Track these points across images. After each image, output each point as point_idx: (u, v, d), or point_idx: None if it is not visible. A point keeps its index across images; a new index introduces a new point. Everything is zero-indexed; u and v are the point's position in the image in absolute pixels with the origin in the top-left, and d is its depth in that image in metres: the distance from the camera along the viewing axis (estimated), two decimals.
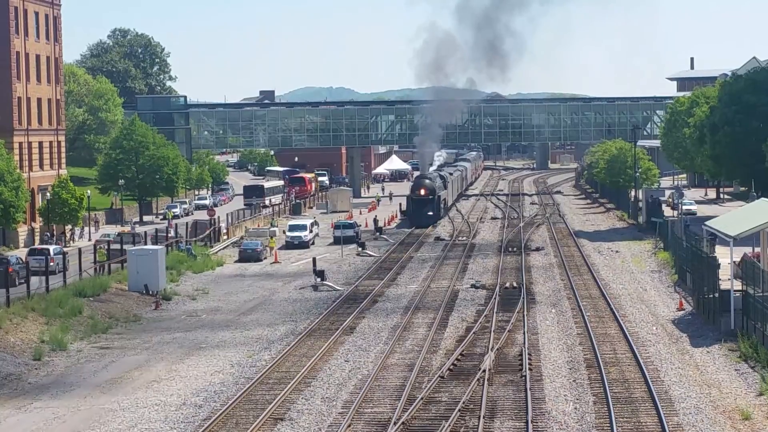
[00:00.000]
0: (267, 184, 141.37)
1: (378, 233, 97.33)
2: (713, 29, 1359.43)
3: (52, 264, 65.24)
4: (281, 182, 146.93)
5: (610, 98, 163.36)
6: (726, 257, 50.80)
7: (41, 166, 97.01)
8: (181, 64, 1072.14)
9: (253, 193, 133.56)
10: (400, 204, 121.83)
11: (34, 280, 59.58)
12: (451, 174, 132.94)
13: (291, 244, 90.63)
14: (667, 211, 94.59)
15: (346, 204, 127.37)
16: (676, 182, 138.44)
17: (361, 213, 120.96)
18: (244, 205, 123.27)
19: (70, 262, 66.74)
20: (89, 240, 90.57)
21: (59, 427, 36.15)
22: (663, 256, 74.35)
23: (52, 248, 73.77)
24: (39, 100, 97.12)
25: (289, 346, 47.82)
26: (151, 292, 63.82)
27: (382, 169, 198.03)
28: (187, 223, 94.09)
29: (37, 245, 79.42)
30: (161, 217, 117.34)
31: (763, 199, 61.55)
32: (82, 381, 42.90)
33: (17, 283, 59.80)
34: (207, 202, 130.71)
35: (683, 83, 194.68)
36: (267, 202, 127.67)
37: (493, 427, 34.38)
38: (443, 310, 56.38)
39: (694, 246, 57.04)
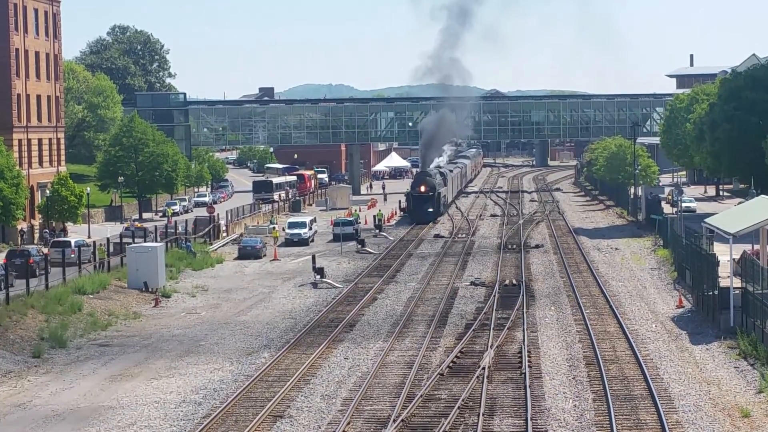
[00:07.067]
0: (276, 180, 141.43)
1: (377, 230, 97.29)
2: (713, 26, 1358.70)
3: (73, 255, 66.57)
4: (291, 178, 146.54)
5: (610, 95, 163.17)
6: (725, 254, 50.79)
7: (41, 163, 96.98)
8: (181, 61, 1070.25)
9: (262, 188, 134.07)
10: (400, 201, 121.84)
11: (56, 270, 61.16)
12: (451, 171, 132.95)
13: (290, 242, 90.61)
14: (667, 208, 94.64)
15: (345, 201, 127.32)
16: (675, 179, 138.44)
17: (360, 210, 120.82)
18: (254, 200, 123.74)
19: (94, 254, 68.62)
20: (89, 236, 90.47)
21: (57, 426, 36.14)
22: (662, 254, 74.35)
23: (73, 241, 74.14)
24: (38, 97, 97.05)
25: (289, 344, 47.83)
26: (150, 290, 63.88)
27: (381, 167, 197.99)
28: (186, 220, 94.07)
29: (59, 238, 79.73)
30: (161, 214, 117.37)
31: (762, 196, 61.62)
32: (82, 378, 42.90)
33: (37, 274, 61.13)
34: (206, 199, 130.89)
35: (683, 80, 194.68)
36: (276, 197, 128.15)
37: (493, 425, 34.37)
38: (443, 308, 56.38)
39: (694, 243, 57.02)
